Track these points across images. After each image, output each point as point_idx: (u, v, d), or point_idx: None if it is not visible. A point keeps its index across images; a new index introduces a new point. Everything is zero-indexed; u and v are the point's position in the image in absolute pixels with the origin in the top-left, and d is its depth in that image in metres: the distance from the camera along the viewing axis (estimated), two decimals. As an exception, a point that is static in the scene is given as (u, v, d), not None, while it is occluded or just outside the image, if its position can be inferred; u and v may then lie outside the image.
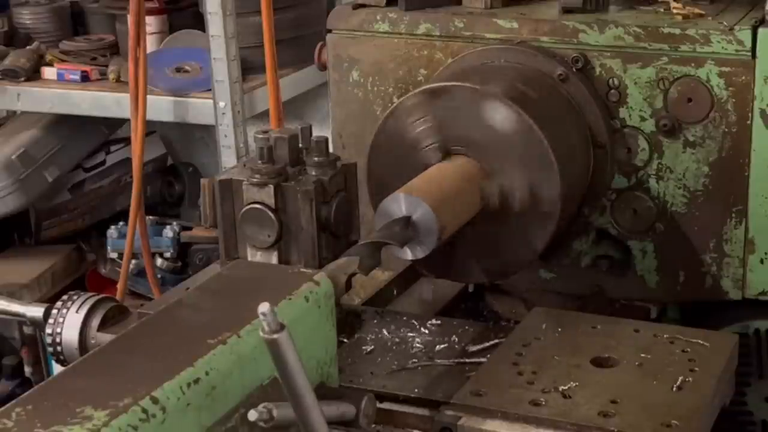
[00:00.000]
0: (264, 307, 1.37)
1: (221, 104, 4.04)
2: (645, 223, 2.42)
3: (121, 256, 4.32)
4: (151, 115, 4.10)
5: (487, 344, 2.15)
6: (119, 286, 4.25)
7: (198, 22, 4.24)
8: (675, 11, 2.41)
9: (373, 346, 2.16)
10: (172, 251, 4.39)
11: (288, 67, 4.21)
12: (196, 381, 1.46)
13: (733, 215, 2.35)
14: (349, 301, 2.33)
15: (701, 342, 2.08)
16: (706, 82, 2.31)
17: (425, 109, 2.24)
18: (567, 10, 2.45)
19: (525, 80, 2.34)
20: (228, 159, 4.06)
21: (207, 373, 1.48)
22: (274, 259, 2.14)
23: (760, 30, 2.27)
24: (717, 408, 2.01)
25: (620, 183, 2.42)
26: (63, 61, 4.43)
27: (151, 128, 4.61)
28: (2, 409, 1.37)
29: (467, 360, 2.10)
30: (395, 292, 2.52)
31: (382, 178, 2.28)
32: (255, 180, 2.12)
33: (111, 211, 4.79)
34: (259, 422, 1.46)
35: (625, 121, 2.39)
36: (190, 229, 4.46)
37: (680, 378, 1.95)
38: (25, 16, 4.69)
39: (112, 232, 4.46)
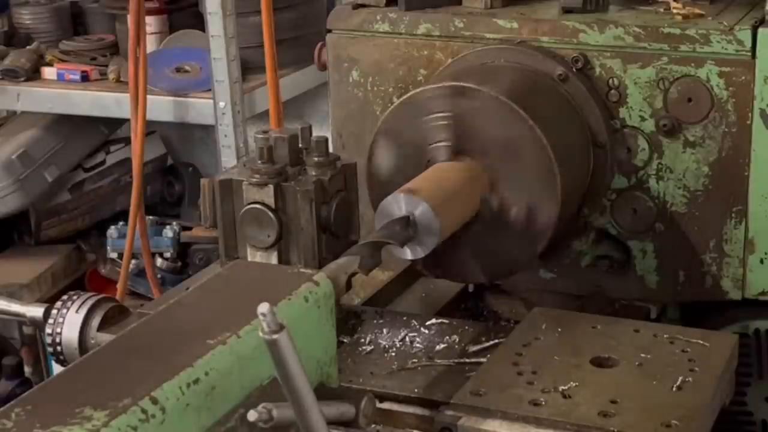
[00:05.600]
0: (264, 307, 1.37)
1: (221, 104, 4.04)
2: (645, 223, 2.42)
3: (121, 256, 4.32)
4: (151, 115, 4.11)
5: (487, 344, 2.15)
6: (119, 286, 4.25)
7: (198, 22, 4.25)
8: (675, 11, 2.41)
9: (372, 346, 2.16)
10: (172, 251, 4.39)
11: (288, 67, 4.22)
12: (196, 381, 1.46)
13: (733, 215, 2.35)
14: (349, 301, 2.33)
15: (701, 342, 2.08)
16: (706, 82, 2.31)
17: (424, 108, 2.24)
18: (567, 10, 2.45)
19: (525, 80, 2.34)
20: (228, 159, 4.06)
21: (207, 374, 1.48)
22: (274, 259, 2.14)
23: (760, 30, 2.27)
24: (717, 408, 2.01)
25: (620, 183, 2.42)
26: (63, 61, 4.43)
27: (151, 128, 4.61)
28: (2, 409, 1.37)
29: (467, 360, 2.10)
30: (395, 292, 2.52)
31: (382, 178, 2.28)
32: (255, 180, 2.12)
33: (111, 211, 4.79)
34: (259, 422, 1.46)
35: (625, 121, 2.39)
36: (190, 229, 4.46)
37: (680, 378, 1.95)
38: (25, 16, 4.69)
39: (112, 232, 4.46)
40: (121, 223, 4.46)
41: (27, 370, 4.52)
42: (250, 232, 2.15)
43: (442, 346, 2.15)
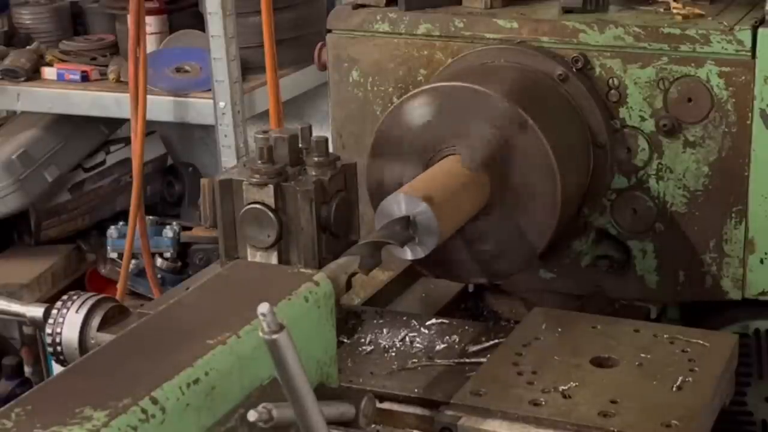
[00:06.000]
0: (264, 307, 1.37)
1: (221, 104, 4.04)
2: (645, 223, 2.42)
3: (121, 256, 4.32)
4: (151, 115, 4.10)
5: (487, 344, 2.15)
6: (119, 286, 4.25)
7: (198, 22, 4.25)
8: (675, 11, 2.41)
9: (372, 346, 2.16)
10: (172, 251, 4.39)
11: (288, 67, 4.22)
12: (196, 381, 1.46)
13: (733, 215, 2.35)
14: (349, 301, 2.33)
15: (701, 342, 2.08)
16: (706, 82, 2.31)
17: (425, 108, 2.24)
18: (567, 10, 2.45)
19: (525, 80, 2.34)
20: (228, 159, 4.06)
21: (207, 374, 1.48)
22: (274, 259, 2.14)
23: (760, 30, 2.27)
24: (717, 408, 2.01)
25: (620, 183, 2.42)
26: (63, 61, 4.43)
27: (151, 128, 4.61)
28: (2, 409, 1.37)
29: (467, 360, 2.10)
30: (395, 292, 2.52)
31: (382, 178, 2.28)
32: (255, 180, 2.12)
33: (111, 211, 4.79)
34: (259, 422, 1.46)
35: (625, 121, 2.39)
36: (190, 229, 4.46)
37: (680, 378, 1.95)
38: (25, 16, 4.69)
39: (112, 232, 4.46)
40: (121, 223, 4.46)
41: (27, 370, 4.52)
42: (250, 232, 2.15)
43: (442, 346, 2.15)
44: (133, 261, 4.34)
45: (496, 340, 2.15)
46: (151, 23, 4.31)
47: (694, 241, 2.38)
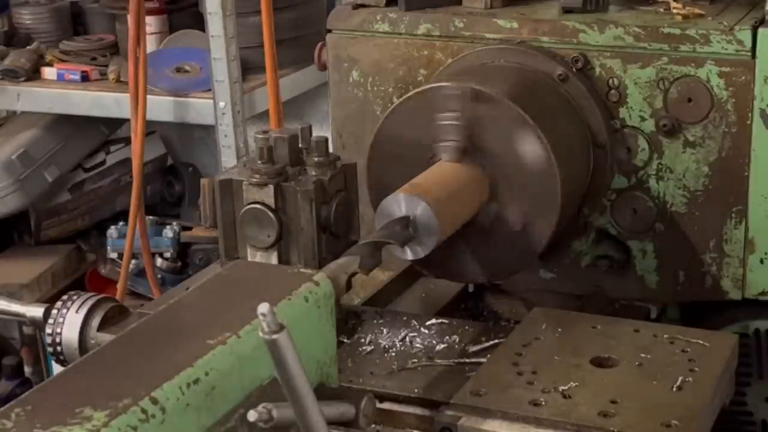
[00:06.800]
0: (264, 307, 1.37)
1: (221, 104, 4.04)
2: (645, 223, 2.42)
3: (121, 256, 4.32)
4: (151, 115, 4.11)
5: (487, 344, 2.15)
6: (119, 286, 4.25)
7: (198, 22, 4.25)
8: (675, 11, 2.41)
9: (372, 346, 2.16)
10: (172, 251, 4.39)
11: (288, 67, 4.22)
12: (196, 381, 1.46)
13: (733, 215, 2.35)
14: (349, 301, 2.33)
15: (701, 342, 2.08)
16: (706, 82, 2.31)
17: (424, 108, 2.24)
18: (567, 10, 2.45)
19: (525, 80, 2.34)
20: (228, 159, 4.06)
21: (207, 374, 1.48)
22: (274, 259, 2.15)
23: (760, 30, 2.27)
24: (717, 408, 2.01)
25: (620, 183, 2.42)
26: (63, 61, 4.43)
27: (151, 128, 4.61)
28: (2, 409, 1.37)
29: (467, 360, 2.10)
30: (395, 292, 2.52)
31: (382, 178, 2.28)
32: (255, 180, 2.12)
33: (111, 211, 4.79)
34: (259, 423, 1.46)
35: (625, 121, 2.39)
36: (190, 229, 4.46)
37: (680, 378, 1.95)
38: (25, 16, 4.69)
39: (112, 232, 4.47)
40: (121, 223, 4.46)
41: (27, 370, 4.52)
42: (250, 232, 2.15)
43: (442, 346, 2.15)
44: (133, 261, 4.34)
45: (496, 340, 2.15)
46: (151, 23, 4.31)
47: (694, 241, 2.39)
